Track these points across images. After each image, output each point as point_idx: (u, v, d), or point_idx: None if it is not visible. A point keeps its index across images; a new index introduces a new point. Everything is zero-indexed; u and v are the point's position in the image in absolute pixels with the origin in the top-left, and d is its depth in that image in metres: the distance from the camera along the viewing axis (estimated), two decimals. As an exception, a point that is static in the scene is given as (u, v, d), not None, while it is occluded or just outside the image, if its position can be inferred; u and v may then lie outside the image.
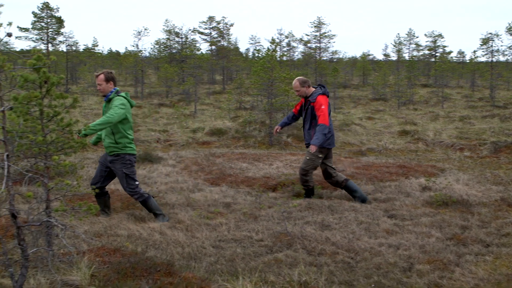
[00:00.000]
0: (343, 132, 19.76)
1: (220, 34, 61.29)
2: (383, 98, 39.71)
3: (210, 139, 18.21)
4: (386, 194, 9.28)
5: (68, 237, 6.30)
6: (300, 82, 9.15)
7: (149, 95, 40.18)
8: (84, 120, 22.00)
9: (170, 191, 9.65)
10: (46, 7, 48.45)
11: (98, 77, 7.60)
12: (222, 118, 23.75)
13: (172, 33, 54.28)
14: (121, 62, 59.09)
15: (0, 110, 3.91)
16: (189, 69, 38.42)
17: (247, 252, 6.27)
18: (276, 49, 19.78)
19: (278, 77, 19.24)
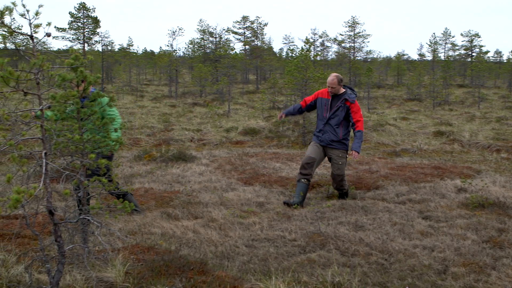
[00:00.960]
0: (377, 133, 19.62)
1: (254, 34, 61.42)
2: (418, 98, 39.33)
3: (244, 139, 18.24)
4: (420, 195, 9.17)
5: (103, 235, 6.38)
6: (338, 79, 8.97)
7: (183, 95, 40.44)
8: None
9: (204, 190, 9.69)
10: (83, 8, 49.18)
11: None
12: (256, 118, 23.77)
13: (206, 33, 54.60)
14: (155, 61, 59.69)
15: (39, 109, 3.97)
16: (223, 69, 38.58)
17: (280, 252, 6.26)
18: (310, 48, 19.70)
19: (312, 77, 19.18)
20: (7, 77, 3.64)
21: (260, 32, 61.55)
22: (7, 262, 5.17)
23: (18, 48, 5.71)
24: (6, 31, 3.83)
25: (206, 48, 55.49)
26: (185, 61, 60.13)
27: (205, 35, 55.19)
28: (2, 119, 3.82)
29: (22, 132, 3.88)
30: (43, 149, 3.99)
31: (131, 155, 13.99)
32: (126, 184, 10.12)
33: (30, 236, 6.54)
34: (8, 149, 3.93)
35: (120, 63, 57.41)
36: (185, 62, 60.07)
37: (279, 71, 59.01)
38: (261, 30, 61.45)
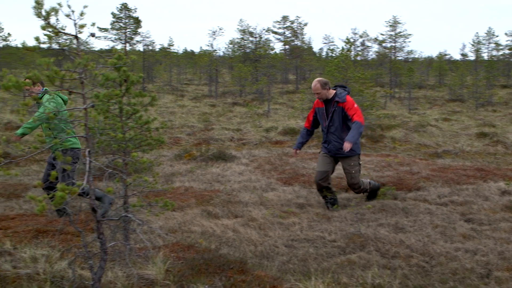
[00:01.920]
0: (418, 134, 19.39)
1: (294, 34, 61.28)
2: (460, 99, 38.70)
3: (283, 139, 18.22)
4: (463, 197, 9.01)
5: (144, 232, 6.45)
6: (321, 83, 8.40)
7: (223, 94, 40.60)
8: (160, 118, 22.43)
9: (243, 189, 9.71)
10: (125, 8, 49.74)
11: None
12: (295, 118, 23.73)
13: (246, 33, 54.62)
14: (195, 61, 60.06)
15: (83, 108, 4.03)
16: (263, 69, 38.62)
17: (320, 253, 6.23)
18: (351, 48, 19.59)
19: (353, 77, 19.07)
20: (53, 76, 3.71)
21: (300, 32, 61.39)
22: (51, 258, 5.28)
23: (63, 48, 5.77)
24: (52, 31, 3.90)
25: (246, 48, 55.51)
26: (225, 61, 60.36)
27: (245, 35, 55.22)
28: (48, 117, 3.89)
29: (67, 130, 3.95)
30: (87, 147, 4.06)
31: (171, 154, 14.12)
32: (166, 183, 10.21)
33: (73, 232, 6.66)
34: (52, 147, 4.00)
35: (160, 62, 57.92)
36: (225, 62, 60.31)
37: (319, 71, 58.69)
38: (301, 30, 61.28)
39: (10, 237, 6.39)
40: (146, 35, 57.49)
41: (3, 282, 4.72)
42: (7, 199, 8.92)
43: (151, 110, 24.37)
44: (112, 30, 50.52)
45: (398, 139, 18.41)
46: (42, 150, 3.98)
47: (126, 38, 50.70)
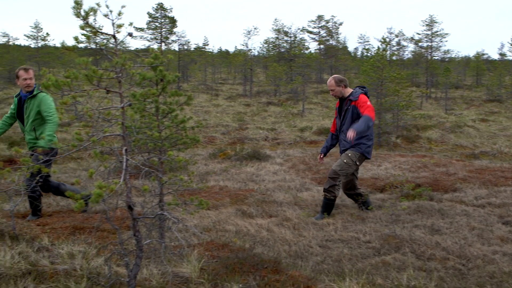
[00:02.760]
0: (454, 134, 19.14)
1: (329, 33, 61.07)
2: (498, 99, 38.07)
3: (318, 138, 18.17)
4: (501, 199, 8.85)
5: (179, 231, 6.49)
6: (336, 80, 8.19)
7: (258, 94, 40.63)
8: (195, 117, 22.56)
9: (278, 189, 9.71)
10: (161, 8, 50.16)
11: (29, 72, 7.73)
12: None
13: (281, 32, 54.65)
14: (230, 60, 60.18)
15: (120, 107, 4.08)
16: (298, 68, 38.54)
17: (354, 253, 6.19)
18: (386, 48, 19.44)
19: (388, 77, 18.91)
20: (91, 75, 3.76)
21: (335, 31, 61.15)
22: (87, 254, 5.34)
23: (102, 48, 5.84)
24: (90, 31, 3.94)
25: (280, 47, 55.53)
26: (260, 60, 60.43)
27: (280, 35, 55.27)
28: (85, 116, 3.94)
29: (104, 129, 4.00)
30: (123, 145, 4.10)
31: (206, 153, 14.19)
32: (201, 182, 10.26)
33: (109, 230, 6.74)
34: (89, 145, 4.06)
35: (195, 62, 58.25)
36: (260, 61, 60.36)
37: (353, 71, 58.43)
38: (336, 29, 61.04)
39: (48, 233, 6.50)
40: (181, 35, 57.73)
41: (41, 277, 4.80)
42: (45, 196, 9.06)
43: (186, 109, 24.55)
44: (148, 29, 51.02)
45: (434, 139, 18.21)
46: (79, 148, 4.03)
47: (162, 37, 51.13)
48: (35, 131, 7.64)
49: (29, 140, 7.67)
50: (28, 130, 7.66)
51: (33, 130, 7.65)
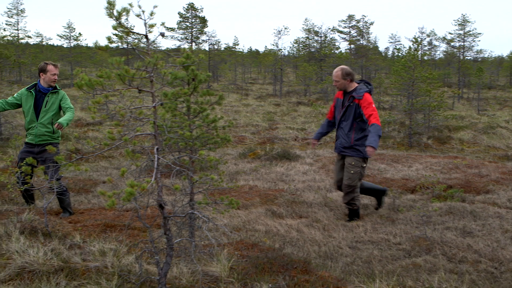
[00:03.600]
0: (487, 135, 18.88)
1: (360, 33, 60.75)
2: (533, 100, 37.46)
3: (348, 139, 18.08)
4: (535, 202, 8.71)
5: (209, 230, 6.52)
6: (343, 72, 7.89)
7: (288, 93, 40.60)
8: (225, 116, 22.62)
9: (307, 189, 9.69)
10: (191, 8, 50.47)
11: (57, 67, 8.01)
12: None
13: (312, 32, 54.53)
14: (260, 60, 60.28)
15: (152, 106, 4.10)
16: (328, 68, 38.42)
17: (384, 255, 6.15)
18: (418, 48, 19.28)
19: (420, 77, 18.74)
20: (124, 75, 3.79)
21: (366, 31, 60.82)
22: (118, 252, 5.39)
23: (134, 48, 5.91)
24: (123, 31, 3.98)
25: (311, 47, 55.40)
26: (290, 60, 60.31)
27: (310, 34, 55.14)
28: (117, 115, 3.98)
29: (136, 128, 4.03)
30: (155, 144, 4.12)
31: (236, 152, 14.22)
32: (231, 181, 10.29)
33: (140, 228, 6.79)
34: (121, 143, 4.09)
35: (226, 62, 58.44)
36: (290, 61, 60.23)
37: (384, 71, 58.04)
38: (367, 29, 60.71)
39: (80, 230, 6.57)
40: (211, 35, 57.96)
41: (73, 274, 4.86)
42: (76, 194, 9.18)
43: (217, 109, 24.62)
44: (179, 29, 51.38)
45: (466, 140, 17.99)
46: (112, 147, 4.07)
47: (192, 37, 51.44)
48: (53, 124, 7.86)
49: (44, 132, 7.85)
50: (46, 123, 7.86)
51: (50, 123, 7.88)
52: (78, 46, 53.13)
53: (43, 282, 4.61)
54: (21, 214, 6.84)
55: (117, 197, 3.56)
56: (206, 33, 53.45)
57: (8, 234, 5.98)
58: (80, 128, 19.01)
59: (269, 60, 46.94)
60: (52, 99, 7.89)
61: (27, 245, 5.48)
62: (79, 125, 19.75)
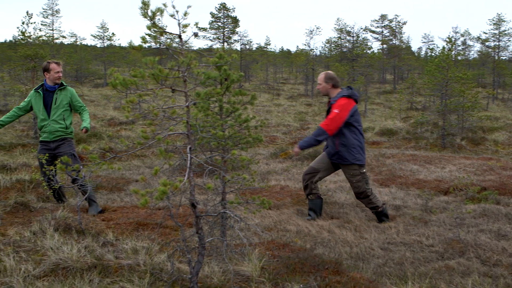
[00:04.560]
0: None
1: (392, 33, 60.21)
2: None
3: (380, 139, 17.97)
4: None
5: (240, 229, 6.53)
6: (325, 76, 7.73)
7: (319, 94, 40.41)
8: (257, 116, 22.63)
9: (339, 190, 9.65)
10: (223, 8, 50.63)
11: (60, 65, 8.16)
12: (393, 118, 23.32)
13: (344, 32, 54.23)
14: (292, 60, 60.15)
15: (185, 105, 4.13)
16: (360, 68, 38.17)
17: (417, 257, 6.09)
18: (452, 48, 19.06)
19: (453, 77, 18.53)
20: (157, 74, 3.82)
21: (399, 31, 60.24)
22: (150, 250, 5.44)
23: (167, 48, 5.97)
24: (157, 31, 4.01)
25: (343, 47, 55.11)
26: (322, 60, 60.03)
27: (342, 34, 54.84)
28: (151, 114, 4.01)
29: (169, 127, 4.05)
30: (188, 143, 4.14)
31: (267, 152, 14.23)
32: (262, 181, 10.29)
33: (172, 226, 6.84)
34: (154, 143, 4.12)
35: (257, 61, 58.44)
36: (322, 61, 59.94)
37: (417, 71, 57.47)
38: (400, 28, 60.13)
39: (113, 228, 6.65)
40: (243, 34, 58.13)
41: (106, 271, 4.91)
42: (109, 192, 9.28)
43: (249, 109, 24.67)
44: (211, 29, 51.60)
45: (501, 142, 17.73)
46: (145, 146, 4.10)
47: (224, 37, 51.61)
48: (65, 120, 8.11)
49: (58, 128, 8.08)
50: (58, 119, 8.08)
51: (63, 119, 8.11)
52: (111, 46, 53.70)
53: (77, 279, 4.67)
54: (56, 212, 6.95)
55: (150, 195, 3.59)
56: (238, 33, 53.60)
57: (43, 231, 6.09)
58: (113, 127, 19.21)
59: (301, 60, 46.80)
60: (61, 96, 8.12)
61: (61, 242, 5.56)
62: (111, 124, 19.96)
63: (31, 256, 5.24)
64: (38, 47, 19.87)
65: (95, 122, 20.04)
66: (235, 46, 56.19)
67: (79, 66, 46.41)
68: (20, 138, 14.87)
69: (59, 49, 50.19)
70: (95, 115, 22.49)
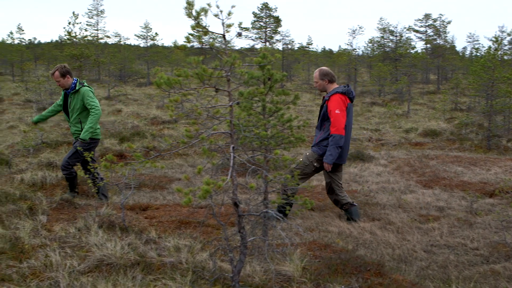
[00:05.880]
0: None
1: (436, 32, 59.33)
2: None
3: (423, 140, 17.72)
4: None
5: (282, 229, 6.53)
6: (320, 73, 7.72)
7: (361, 94, 40.18)
8: (299, 116, 22.60)
9: (381, 191, 9.56)
10: (265, 7, 50.69)
11: (54, 75, 8.19)
12: (436, 119, 22.97)
13: (387, 32, 53.66)
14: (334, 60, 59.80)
15: (229, 105, 4.14)
16: (403, 68, 37.73)
17: (461, 260, 5.99)
18: (498, 47, 18.67)
19: (500, 78, 18.17)
20: (201, 74, 3.84)
21: (443, 30, 59.32)
22: (193, 249, 5.48)
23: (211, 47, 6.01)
24: (201, 30, 4.03)
25: (386, 46, 54.53)
26: (364, 60, 59.52)
27: (385, 34, 54.26)
28: (195, 113, 4.04)
29: (213, 127, 4.07)
30: (231, 143, 4.16)
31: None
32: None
33: (214, 225, 6.87)
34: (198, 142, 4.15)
35: (299, 61, 58.28)
36: (364, 61, 59.44)
37: (462, 71, 56.47)
38: (444, 28, 59.19)
39: (155, 226, 6.72)
40: (285, 34, 58.05)
41: (149, 268, 4.97)
42: (152, 190, 9.38)
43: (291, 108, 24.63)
44: (253, 29, 51.72)
45: (549, 144, 17.28)
46: (189, 145, 4.14)
47: (266, 37, 51.66)
48: (81, 123, 8.28)
49: (75, 131, 8.34)
50: (74, 123, 8.32)
51: (79, 122, 8.30)
52: (154, 46, 54.26)
53: (120, 275, 4.73)
54: (100, 209, 7.06)
55: (193, 194, 3.61)
56: (280, 33, 53.58)
57: (87, 228, 6.19)
58: (155, 126, 19.41)
59: (343, 59, 46.46)
60: (74, 99, 8.25)
61: (105, 238, 5.65)
62: (154, 123, 20.17)
63: (76, 252, 5.34)
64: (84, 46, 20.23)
65: (138, 121, 20.29)
66: (277, 45, 56.20)
67: (123, 65, 47.08)
68: (65, 136, 15.13)
69: (103, 48, 50.90)
70: (138, 114, 22.75)
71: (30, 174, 9.07)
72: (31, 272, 4.77)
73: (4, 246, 5.40)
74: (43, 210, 7.11)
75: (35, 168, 10.52)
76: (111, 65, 41.81)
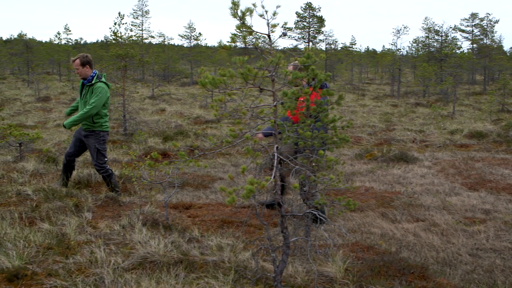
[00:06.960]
0: None
1: (483, 32, 58.33)
2: None
3: (469, 142, 17.41)
4: None
5: (325, 230, 6.50)
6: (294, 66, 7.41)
7: (405, 94, 39.76)
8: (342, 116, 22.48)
9: (425, 192, 9.43)
10: (309, 7, 50.66)
11: (74, 62, 8.08)
12: (483, 121, 22.55)
13: (432, 31, 52.97)
14: (377, 60, 59.35)
15: (273, 105, 4.15)
16: (448, 68, 37.16)
17: (508, 265, 5.87)
18: (548, 48, 18.31)
19: (549, 79, 17.76)
20: (246, 74, 3.86)
21: (490, 30, 58.29)
22: (235, 248, 5.51)
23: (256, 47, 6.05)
24: (246, 30, 4.05)
25: (430, 46, 53.84)
26: (408, 60, 58.91)
27: (430, 34, 53.58)
28: (239, 113, 4.06)
29: (257, 127, 4.09)
30: (275, 143, 4.17)
31: (352, 153, 14.10)
32: (347, 182, 10.21)
33: (256, 225, 6.90)
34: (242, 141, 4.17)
35: (342, 61, 58.01)
36: (408, 61, 58.84)
37: (509, 71, 55.34)
38: (491, 27, 58.16)
39: (198, 225, 6.78)
40: (329, 34, 57.87)
41: (192, 266, 5.02)
42: (195, 189, 9.44)
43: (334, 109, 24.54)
44: (296, 29, 51.69)
45: None
46: (233, 144, 4.16)
47: (309, 37, 51.57)
48: (92, 117, 8.13)
49: (85, 122, 8.19)
50: None
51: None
52: (197, 46, 54.70)
53: (163, 273, 4.79)
54: (144, 207, 7.15)
55: (236, 193, 3.63)
56: (323, 33, 53.48)
57: (131, 225, 6.28)
58: (198, 125, 19.57)
59: (387, 60, 46.05)
60: (88, 92, 8.21)
61: (148, 236, 5.73)
62: (197, 122, 20.33)
63: (120, 249, 5.42)
64: (129, 47, 20.48)
65: (181, 120, 20.47)
66: (320, 45, 56.05)
67: (167, 65, 47.60)
68: (110, 135, 15.38)
69: (148, 48, 51.61)
70: (181, 113, 22.96)
71: (76, 172, 9.21)
72: (76, 268, 4.86)
73: (51, 242, 5.52)
74: (88, 207, 7.24)
75: (81, 166, 10.70)
76: (155, 65, 42.33)
